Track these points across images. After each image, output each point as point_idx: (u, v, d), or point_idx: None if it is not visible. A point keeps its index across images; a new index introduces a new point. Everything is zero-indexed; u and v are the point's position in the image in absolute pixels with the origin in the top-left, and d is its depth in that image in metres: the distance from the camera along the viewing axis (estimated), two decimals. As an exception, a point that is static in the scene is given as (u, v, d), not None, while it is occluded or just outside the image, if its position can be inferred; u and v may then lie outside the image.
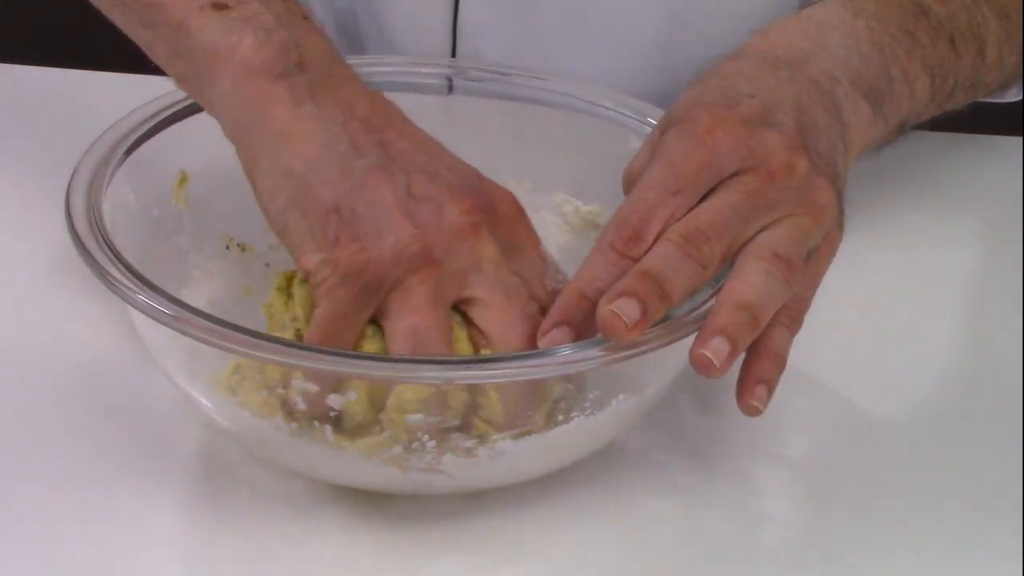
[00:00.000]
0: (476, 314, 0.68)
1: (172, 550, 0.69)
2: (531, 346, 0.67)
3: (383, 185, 0.67)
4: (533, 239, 0.70)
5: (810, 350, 0.80)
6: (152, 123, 0.75)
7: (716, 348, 0.64)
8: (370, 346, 0.67)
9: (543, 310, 0.69)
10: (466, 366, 0.65)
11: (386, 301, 0.67)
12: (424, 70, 0.84)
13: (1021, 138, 0.99)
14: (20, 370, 0.77)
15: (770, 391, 0.67)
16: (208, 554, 0.69)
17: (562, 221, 0.81)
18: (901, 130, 0.80)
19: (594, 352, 0.64)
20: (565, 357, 0.65)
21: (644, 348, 0.64)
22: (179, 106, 0.76)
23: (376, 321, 0.68)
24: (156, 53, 0.72)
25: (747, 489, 0.73)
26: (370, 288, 0.66)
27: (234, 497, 0.71)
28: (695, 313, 0.66)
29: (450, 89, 0.85)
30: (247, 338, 0.63)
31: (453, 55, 0.98)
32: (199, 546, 0.69)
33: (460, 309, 0.68)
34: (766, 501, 0.73)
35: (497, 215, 0.69)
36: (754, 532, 0.71)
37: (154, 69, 0.73)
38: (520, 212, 0.70)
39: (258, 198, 0.68)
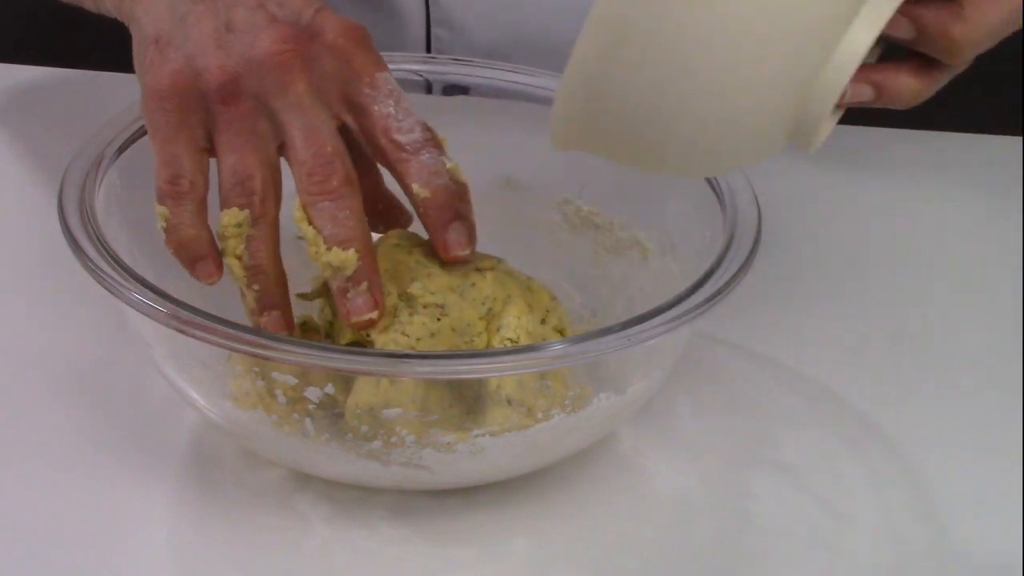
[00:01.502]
0: (284, 153, 0.69)
1: (162, 541, 0.69)
2: (327, 185, 0.67)
3: (203, 19, 0.68)
4: (367, 67, 0.69)
5: (808, 350, 0.81)
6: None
7: None
8: (348, 336, 0.67)
9: (370, 140, 0.69)
10: (457, 360, 0.65)
11: (212, 136, 0.68)
12: (427, 67, 0.84)
13: (1021, 138, 0.99)
14: (11, 364, 0.78)
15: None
16: (196, 545, 0.69)
17: (562, 220, 0.81)
18: None
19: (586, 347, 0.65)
20: (555, 351, 0.65)
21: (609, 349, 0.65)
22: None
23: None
24: None
25: (739, 490, 0.73)
26: (183, 107, 0.68)
27: (224, 489, 0.71)
28: (671, 312, 0.66)
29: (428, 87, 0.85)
30: (236, 332, 0.64)
31: (427, 27, 0.98)
32: (188, 537, 0.69)
33: None
34: (757, 502, 0.73)
35: (322, 45, 0.69)
36: (745, 533, 0.71)
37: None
38: (359, 40, 0.70)
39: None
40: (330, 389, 0.66)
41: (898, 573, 0.69)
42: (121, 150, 0.74)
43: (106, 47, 0.84)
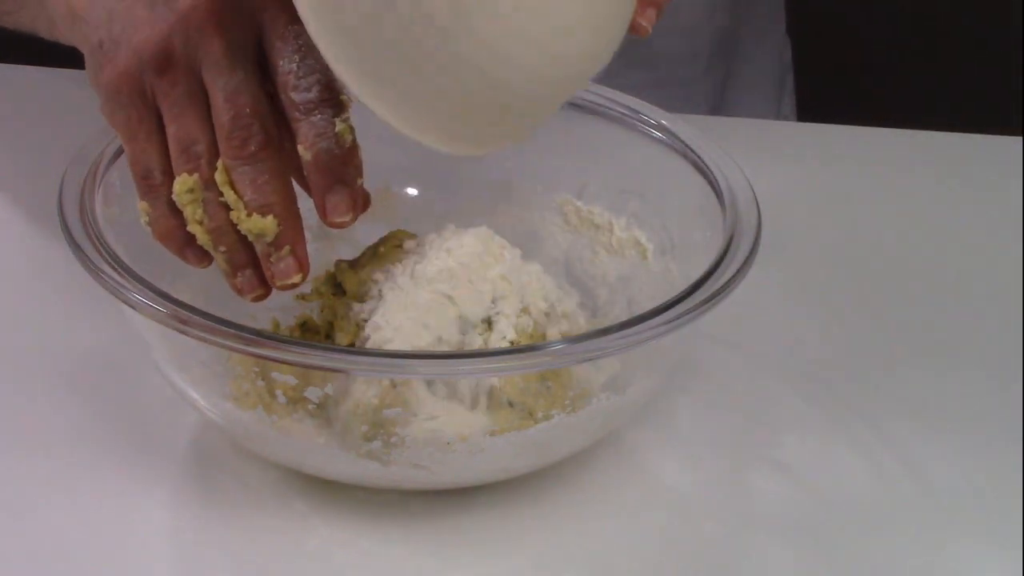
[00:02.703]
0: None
1: (162, 541, 0.69)
2: (245, 147, 0.67)
3: (135, 7, 0.68)
4: (280, 19, 0.67)
5: (808, 350, 0.80)
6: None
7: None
8: (342, 338, 0.67)
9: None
10: (458, 361, 0.65)
11: (160, 109, 0.68)
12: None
13: (1021, 138, 0.99)
14: (13, 363, 0.78)
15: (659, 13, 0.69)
16: (197, 544, 0.69)
17: (563, 221, 0.81)
18: None
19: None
20: (555, 351, 0.65)
21: (610, 349, 0.65)
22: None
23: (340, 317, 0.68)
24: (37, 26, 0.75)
25: (739, 489, 0.73)
26: (130, 97, 0.68)
27: (224, 489, 0.71)
28: (671, 312, 0.66)
29: None
30: (236, 332, 0.64)
31: None
32: (189, 537, 0.69)
33: None
34: (757, 502, 0.73)
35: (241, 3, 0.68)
36: (745, 532, 0.71)
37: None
38: None
39: None
40: (330, 389, 0.66)
41: (899, 573, 0.69)
42: (120, 150, 0.73)
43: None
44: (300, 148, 0.67)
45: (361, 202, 0.69)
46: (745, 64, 1.10)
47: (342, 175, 0.68)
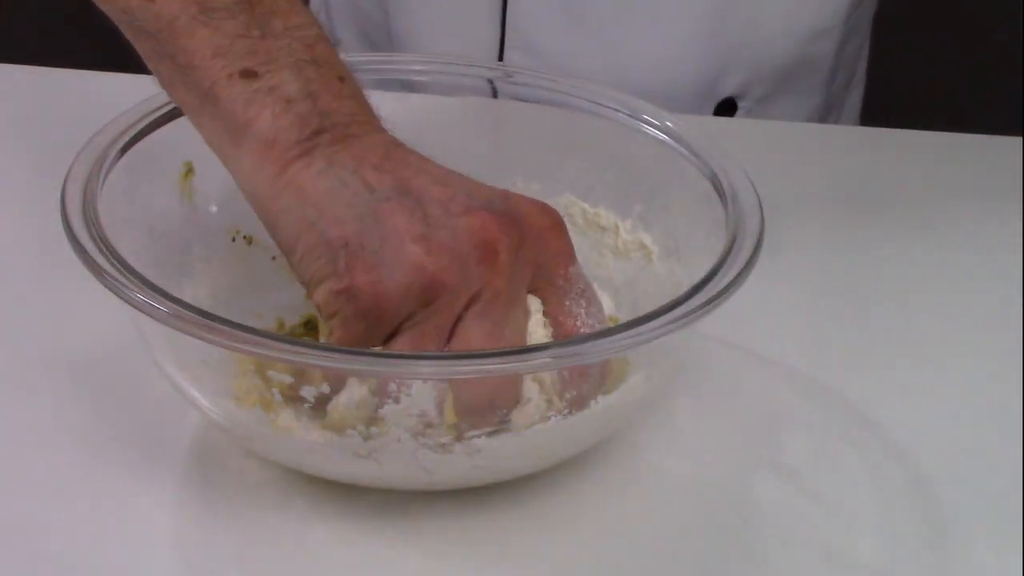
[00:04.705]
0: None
1: (163, 540, 0.69)
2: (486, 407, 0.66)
3: (396, 215, 0.65)
4: (561, 256, 0.69)
5: (810, 351, 0.81)
6: (152, 118, 0.75)
7: None
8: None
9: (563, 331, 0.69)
10: (459, 361, 0.65)
11: (401, 327, 0.66)
12: (427, 68, 0.84)
13: (1021, 138, 0.99)
14: (15, 362, 0.78)
15: None
16: (198, 544, 0.69)
17: (569, 223, 0.80)
18: None
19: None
20: (556, 352, 0.65)
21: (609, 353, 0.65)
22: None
23: None
24: (187, 112, 0.69)
25: (741, 492, 0.73)
26: (383, 321, 0.65)
27: (225, 489, 0.71)
28: (672, 313, 0.66)
29: (494, 92, 0.85)
30: (237, 332, 0.63)
31: (502, 45, 0.97)
32: (190, 536, 0.69)
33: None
34: (759, 504, 0.73)
35: (524, 228, 0.67)
36: (747, 535, 0.71)
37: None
38: (555, 225, 0.68)
39: (283, 252, 0.67)
40: (326, 388, 0.66)
41: (899, 574, 0.69)
42: (124, 150, 0.73)
43: (106, 47, 0.84)
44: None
45: None
46: None
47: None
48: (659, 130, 0.78)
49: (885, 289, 0.87)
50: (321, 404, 0.67)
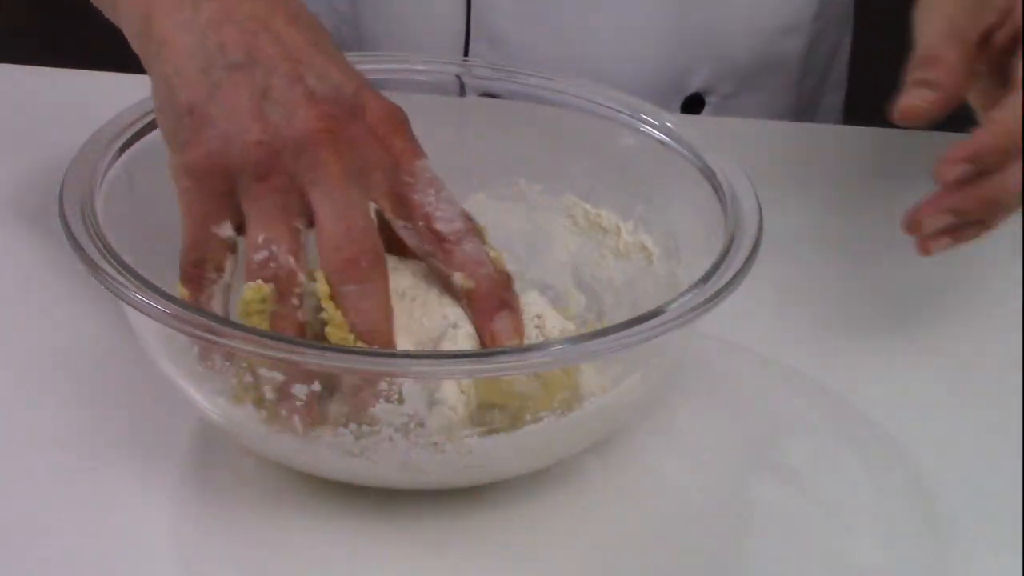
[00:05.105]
0: (315, 228, 0.68)
1: (162, 540, 0.69)
2: (357, 261, 0.66)
3: (240, 87, 0.67)
4: (406, 154, 0.69)
5: (810, 352, 0.80)
6: (152, 117, 0.75)
7: None
8: (334, 334, 0.67)
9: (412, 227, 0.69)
10: (458, 360, 0.65)
11: (242, 208, 0.67)
12: (428, 68, 0.84)
13: (1021, 138, 0.99)
14: (13, 363, 0.78)
15: None
16: (197, 544, 0.69)
17: (571, 224, 0.80)
18: None
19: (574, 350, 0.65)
20: (555, 352, 0.65)
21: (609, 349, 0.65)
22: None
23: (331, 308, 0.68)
24: None
25: (740, 493, 0.73)
26: (217, 189, 0.67)
27: (223, 488, 0.71)
28: (669, 313, 0.66)
29: (461, 89, 0.85)
30: (235, 332, 0.64)
31: (467, 41, 0.98)
32: (189, 536, 0.69)
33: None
34: (759, 505, 0.73)
35: (360, 126, 0.68)
36: (746, 536, 0.71)
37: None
38: (398, 125, 0.69)
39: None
40: (317, 387, 0.66)
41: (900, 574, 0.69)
42: (122, 149, 0.74)
43: (106, 47, 0.84)
44: (457, 276, 0.69)
45: (522, 323, 0.70)
46: None
47: (506, 300, 0.69)
48: (659, 130, 0.78)
49: (885, 289, 0.87)
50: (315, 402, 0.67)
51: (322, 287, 0.67)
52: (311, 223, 0.68)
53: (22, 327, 0.80)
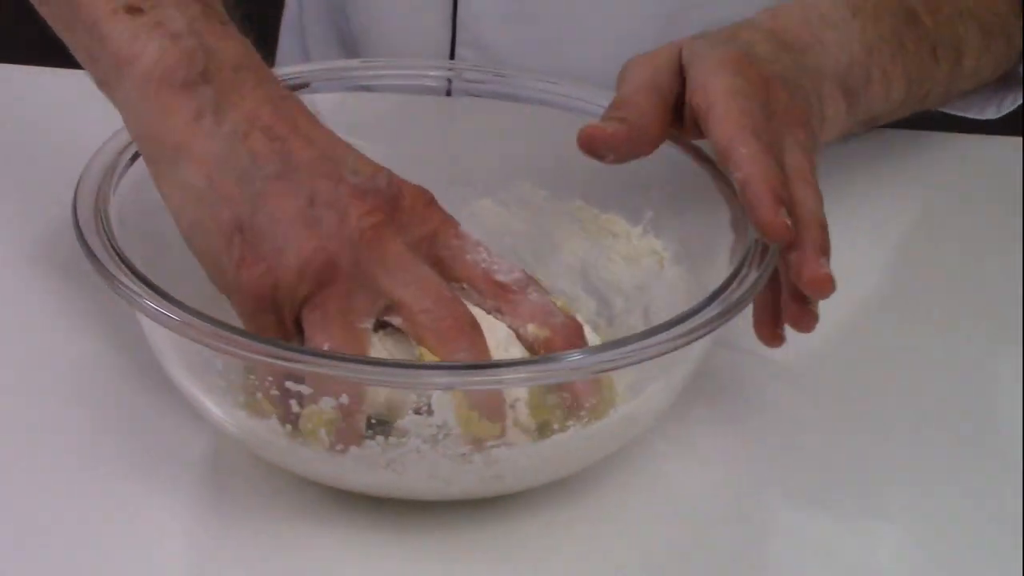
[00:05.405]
0: (401, 322, 0.67)
1: (177, 550, 0.69)
2: (460, 326, 0.66)
3: (284, 197, 0.66)
4: (447, 223, 0.70)
5: (827, 359, 0.80)
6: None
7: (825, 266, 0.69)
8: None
9: (472, 285, 0.69)
10: (474, 372, 0.65)
11: (302, 314, 0.66)
12: (426, 72, 0.84)
13: (1021, 138, 0.99)
14: (25, 372, 0.77)
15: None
16: (212, 554, 0.69)
17: (579, 229, 0.80)
18: (870, 125, 0.84)
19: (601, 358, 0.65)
20: (569, 363, 0.65)
21: (638, 358, 0.65)
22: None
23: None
24: (76, 53, 0.72)
25: (756, 500, 0.73)
26: (281, 307, 0.66)
27: (238, 498, 0.71)
28: (689, 323, 0.66)
29: (448, 92, 0.85)
30: (251, 343, 0.64)
31: (452, 47, 0.98)
32: (204, 546, 0.69)
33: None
34: (775, 513, 0.73)
35: (403, 210, 0.68)
36: (762, 543, 0.71)
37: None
38: (428, 202, 0.69)
39: (168, 209, 0.68)
40: (344, 400, 0.66)
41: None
42: (135, 157, 0.73)
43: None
44: (531, 327, 0.69)
45: None
46: None
47: (581, 347, 0.69)
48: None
49: (886, 289, 0.87)
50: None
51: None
52: (379, 323, 0.67)
53: (32, 332, 0.80)
